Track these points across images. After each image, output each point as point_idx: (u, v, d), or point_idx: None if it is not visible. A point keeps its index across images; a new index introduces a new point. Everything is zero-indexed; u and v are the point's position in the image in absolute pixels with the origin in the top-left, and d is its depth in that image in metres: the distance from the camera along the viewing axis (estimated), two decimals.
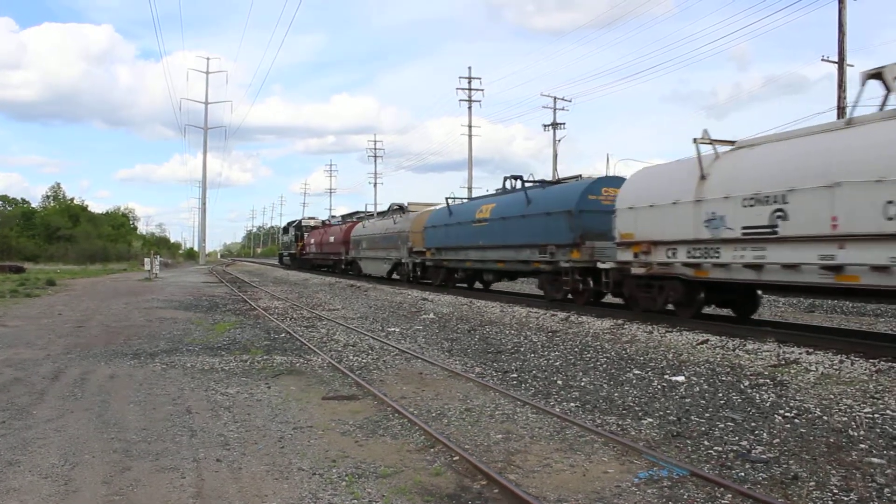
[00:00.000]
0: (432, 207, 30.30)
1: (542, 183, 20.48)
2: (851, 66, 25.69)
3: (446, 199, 25.38)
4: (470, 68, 55.44)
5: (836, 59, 25.49)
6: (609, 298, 17.35)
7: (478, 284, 25.22)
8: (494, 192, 23.92)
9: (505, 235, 20.28)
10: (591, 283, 16.48)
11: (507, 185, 22.80)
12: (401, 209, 32.90)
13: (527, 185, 20.85)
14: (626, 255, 14.63)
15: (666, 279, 13.73)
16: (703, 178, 12.64)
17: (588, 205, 17.01)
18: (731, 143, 12.98)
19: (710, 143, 12.90)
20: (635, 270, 14.26)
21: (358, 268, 37.17)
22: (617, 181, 17.00)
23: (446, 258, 24.77)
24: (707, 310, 14.47)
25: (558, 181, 20.80)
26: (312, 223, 56.46)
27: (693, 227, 12.65)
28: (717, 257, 12.10)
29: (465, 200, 26.43)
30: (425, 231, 26.54)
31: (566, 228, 17.10)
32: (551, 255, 17.68)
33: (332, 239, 43.41)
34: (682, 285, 13.32)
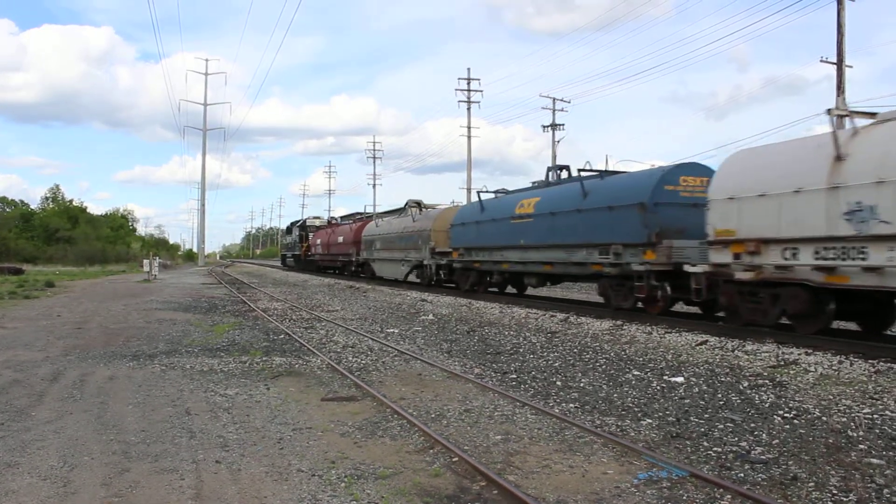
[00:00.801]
0: (455, 205, 28.61)
1: (601, 173, 17.46)
2: (850, 67, 25.75)
3: (478, 192, 23.01)
4: (469, 69, 55.32)
5: (835, 61, 25.51)
6: (681, 307, 15.76)
7: (510, 288, 23.28)
8: (533, 184, 21.55)
9: (554, 233, 17.52)
10: (669, 289, 14.22)
11: (551, 178, 20.44)
12: (419, 206, 30.80)
13: (583, 174, 18.07)
14: (722, 257, 12.32)
15: (782, 286, 11.44)
16: (839, 158, 10.32)
17: (664, 196, 14.55)
18: (872, 115, 10.81)
19: (849, 116, 10.94)
20: (740, 275, 11.97)
21: (371, 270, 34.62)
22: (698, 168, 15.12)
23: (478, 259, 22.18)
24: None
25: (616, 172, 17.70)
26: (318, 223, 54.63)
27: (825, 220, 10.41)
28: (864, 259, 9.89)
29: (498, 195, 22.83)
30: (451, 229, 24.07)
31: (638, 225, 14.59)
32: (616, 257, 15.26)
33: (340, 239, 40.87)
34: (805, 293, 11.03)
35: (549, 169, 21.05)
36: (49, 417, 6.76)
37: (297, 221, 59.35)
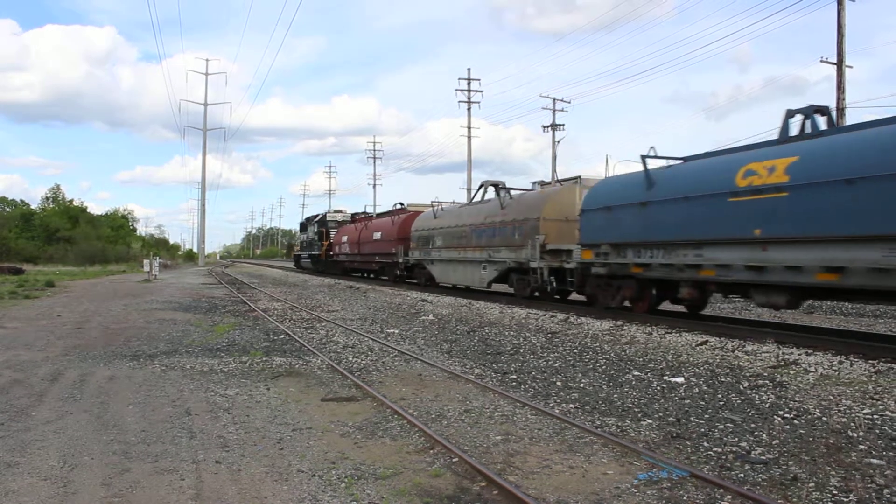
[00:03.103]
0: (578, 181, 19.78)
1: None
2: (850, 67, 25.82)
3: (643, 157, 14.59)
4: (469, 69, 55.43)
5: (836, 61, 25.53)
6: None
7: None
8: (759, 144, 13.21)
9: (845, 216, 10.28)
10: None
11: (797, 129, 12.40)
12: (498, 187, 22.50)
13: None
14: None
15: None
16: None
17: None
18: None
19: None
20: None
21: (426, 274, 27.81)
22: None
23: (640, 262, 14.55)
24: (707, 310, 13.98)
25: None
26: (340, 217, 46.90)
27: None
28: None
29: (685, 160, 14.63)
30: (584, 217, 16.58)
31: None
32: None
33: (377, 236, 33.55)
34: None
35: (790, 114, 12.56)
36: (49, 417, 6.76)
37: (316, 216, 51.19)
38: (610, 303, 16.03)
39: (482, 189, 23.86)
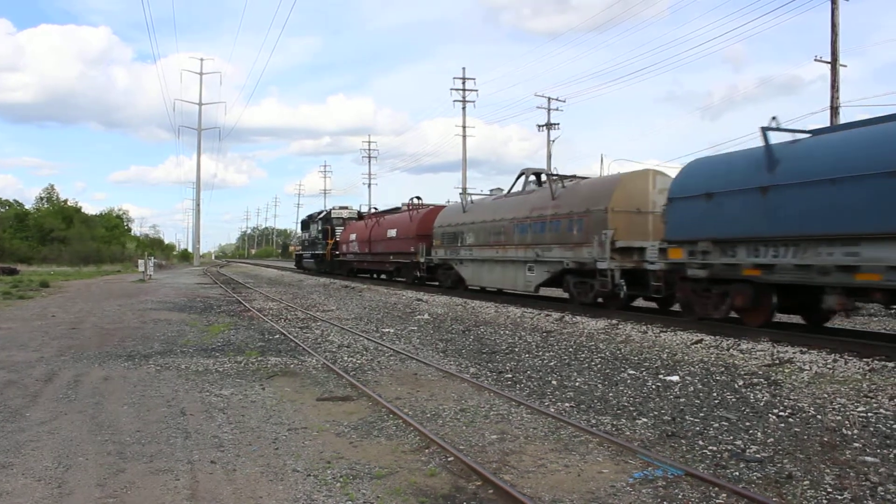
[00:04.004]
0: (648, 166, 17.30)
1: None
2: (844, 66, 25.86)
3: (762, 129, 11.86)
4: (464, 69, 55.64)
5: (830, 60, 25.60)
6: None
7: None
8: None
9: None
10: None
11: None
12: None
13: None
14: None
15: None
16: None
17: None
18: None
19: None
20: None
21: (453, 276, 24.60)
22: None
23: (759, 262, 11.68)
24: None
25: None
26: (346, 214, 43.42)
27: None
28: None
29: (798, 136, 12.12)
30: (674, 207, 13.59)
31: None
32: None
33: (392, 233, 30.34)
34: None
35: None
36: (43, 418, 6.74)
37: (319, 213, 47.61)
38: (711, 312, 13.08)
39: (522, 178, 21.09)
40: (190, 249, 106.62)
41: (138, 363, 9.94)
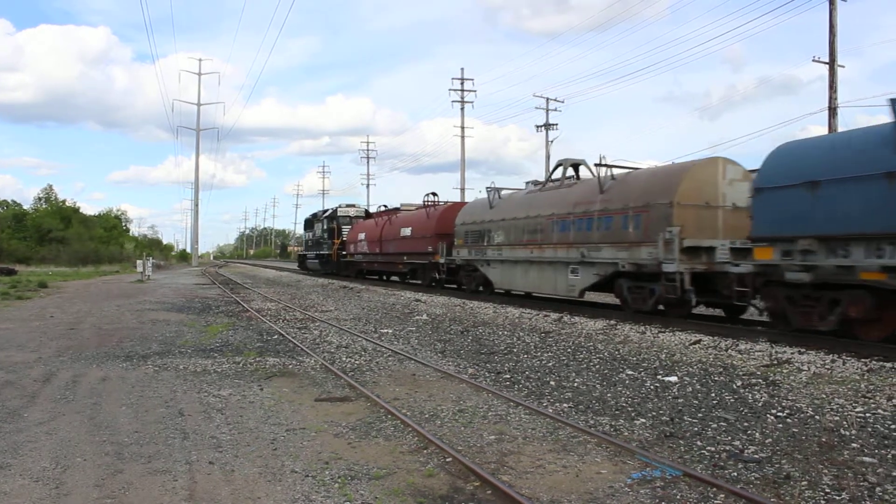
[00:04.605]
0: (711, 154, 16.20)
1: None
2: (842, 67, 25.96)
3: (892, 100, 10.15)
4: (462, 69, 55.48)
5: (828, 60, 25.65)
6: None
7: None
8: None
9: None
10: None
11: None
12: (577, 167, 18.62)
13: None
14: None
15: None
16: None
17: None
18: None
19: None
20: None
21: (478, 278, 22.40)
22: None
23: (888, 263, 9.87)
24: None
25: None
26: (353, 212, 41.26)
27: None
28: None
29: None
30: (763, 198, 11.79)
31: None
32: None
33: (406, 232, 28.47)
34: None
35: None
36: (41, 419, 6.73)
37: (325, 211, 45.38)
38: (814, 324, 11.07)
39: (560, 169, 19.09)
40: (188, 250, 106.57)
41: (136, 364, 9.94)
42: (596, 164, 16.52)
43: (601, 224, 15.87)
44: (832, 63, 25.49)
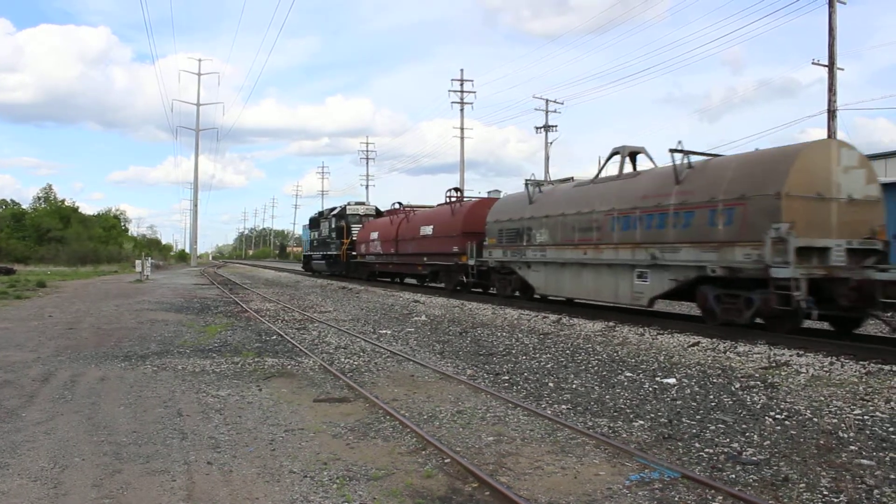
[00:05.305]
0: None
1: None
2: (842, 69, 25.97)
3: None
4: (462, 70, 55.60)
5: (827, 63, 25.68)
6: None
7: None
8: None
9: None
10: None
11: None
12: (634, 155, 16.54)
13: None
14: None
15: None
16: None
17: None
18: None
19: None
20: None
21: (516, 282, 20.02)
22: None
23: None
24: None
25: None
26: (363, 210, 39.40)
27: None
28: None
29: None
30: None
31: None
32: None
33: (426, 230, 26.24)
34: None
35: None
36: (40, 418, 6.73)
37: (332, 209, 42.50)
38: None
39: (615, 158, 16.68)
40: (187, 250, 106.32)
41: (135, 364, 9.93)
42: (671, 150, 13.86)
43: (679, 220, 13.46)
44: (831, 66, 25.52)
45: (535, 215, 18.55)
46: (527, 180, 19.81)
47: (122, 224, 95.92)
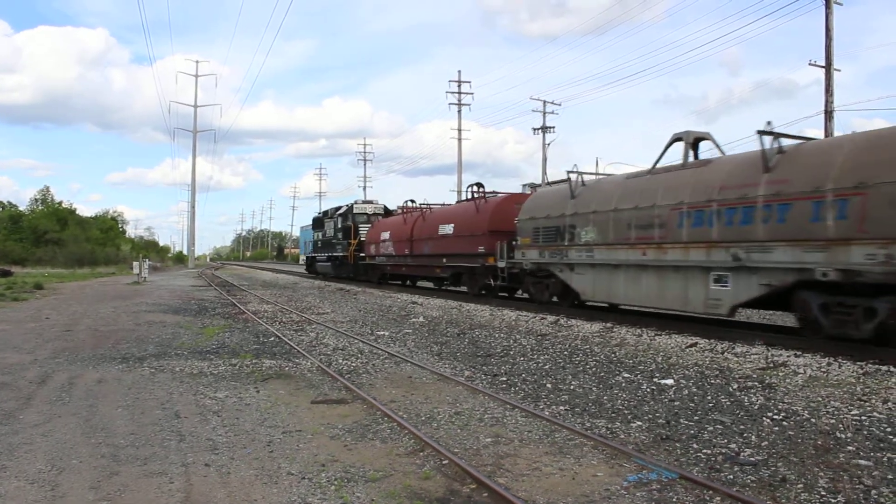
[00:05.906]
0: None
1: None
2: (839, 70, 26.05)
3: None
4: (459, 72, 55.59)
5: (824, 64, 25.74)
6: None
7: None
8: None
9: None
10: None
11: None
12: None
13: None
14: None
15: None
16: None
17: None
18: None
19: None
20: None
21: (556, 286, 17.58)
22: None
23: None
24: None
25: None
26: (371, 209, 36.79)
27: None
28: None
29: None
30: None
31: None
32: None
33: (446, 229, 23.97)
34: None
35: None
36: (37, 420, 6.72)
37: (338, 208, 39.75)
38: None
39: (679, 144, 14.42)
40: (185, 252, 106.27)
41: (133, 366, 9.92)
42: (759, 132, 11.70)
43: (771, 214, 11.21)
44: (828, 67, 25.58)
45: (580, 211, 16.20)
46: (569, 171, 17.26)
47: (120, 226, 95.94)
